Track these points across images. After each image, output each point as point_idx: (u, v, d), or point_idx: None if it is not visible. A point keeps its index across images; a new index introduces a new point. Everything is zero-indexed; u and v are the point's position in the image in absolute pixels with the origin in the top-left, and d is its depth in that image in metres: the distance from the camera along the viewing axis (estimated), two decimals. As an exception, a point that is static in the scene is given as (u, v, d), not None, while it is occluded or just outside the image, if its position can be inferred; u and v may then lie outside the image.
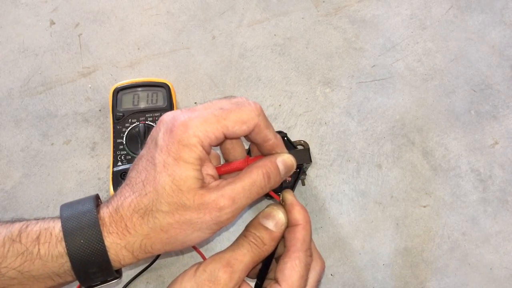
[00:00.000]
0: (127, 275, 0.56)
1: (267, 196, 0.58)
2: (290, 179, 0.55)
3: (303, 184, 0.61)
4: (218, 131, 0.34)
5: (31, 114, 0.63)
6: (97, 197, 0.37)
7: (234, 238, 0.37)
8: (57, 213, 0.58)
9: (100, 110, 0.64)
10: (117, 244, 0.33)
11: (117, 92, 0.60)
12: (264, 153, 0.39)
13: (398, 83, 0.67)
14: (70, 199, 0.58)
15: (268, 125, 0.37)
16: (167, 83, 0.61)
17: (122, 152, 0.57)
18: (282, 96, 0.66)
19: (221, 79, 0.67)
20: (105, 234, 0.33)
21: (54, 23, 0.69)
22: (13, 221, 0.35)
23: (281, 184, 0.55)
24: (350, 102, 0.66)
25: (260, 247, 0.36)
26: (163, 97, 0.60)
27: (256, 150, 0.40)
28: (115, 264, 0.34)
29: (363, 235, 0.59)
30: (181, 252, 0.58)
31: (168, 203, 0.33)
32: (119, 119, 0.58)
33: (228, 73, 0.67)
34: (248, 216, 0.59)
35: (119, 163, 0.56)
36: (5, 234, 0.33)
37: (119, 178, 0.55)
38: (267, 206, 0.39)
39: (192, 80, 0.66)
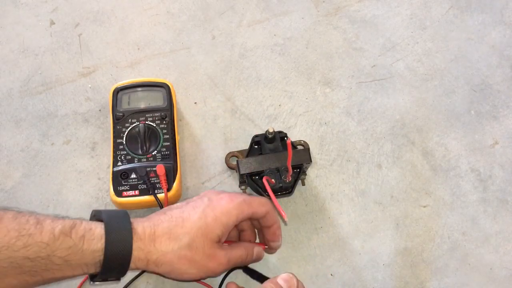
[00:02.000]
0: (127, 275, 0.56)
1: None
2: (290, 179, 0.55)
3: (303, 184, 0.61)
4: (249, 212, 0.48)
5: (31, 114, 0.63)
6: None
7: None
8: (57, 213, 0.58)
9: (100, 110, 0.64)
10: (141, 250, 0.43)
11: (117, 92, 0.60)
12: (264, 238, 0.53)
13: (398, 83, 0.67)
14: (70, 199, 0.59)
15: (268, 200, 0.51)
16: (167, 83, 0.61)
17: (122, 152, 0.57)
18: (282, 96, 0.66)
19: (221, 79, 0.67)
20: (134, 238, 0.42)
21: (54, 23, 0.69)
22: (63, 218, 0.42)
23: (281, 184, 0.56)
24: (350, 102, 0.66)
25: None
26: (163, 97, 0.60)
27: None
28: (131, 265, 0.43)
29: (363, 235, 0.59)
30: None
31: (193, 241, 0.44)
32: (119, 119, 0.58)
33: (228, 73, 0.67)
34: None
35: (119, 163, 0.56)
36: (60, 229, 0.40)
37: (119, 178, 0.55)
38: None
39: (192, 80, 0.66)
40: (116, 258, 0.42)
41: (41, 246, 0.39)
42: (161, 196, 0.54)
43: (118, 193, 0.55)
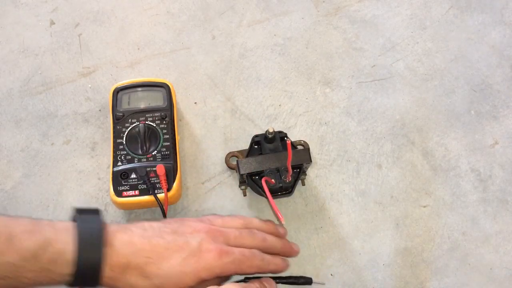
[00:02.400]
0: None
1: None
2: (290, 179, 0.55)
3: (303, 184, 0.61)
4: (235, 271, 0.46)
5: (31, 114, 0.63)
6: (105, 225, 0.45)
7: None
8: (57, 213, 0.58)
9: (100, 110, 0.64)
10: (109, 278, 0.43)
11: (117, 92, 0.60)
12: None
13: (398, 83, 0.67)
14: (70, 199, 0.59)
15: (262, 259, 0.48)
16: (167, 83, 0.61)
17: (122, 152, 0.57)
18: (282, 96, 0.66)
19: (221, 79, 0.67)
20: (107, 268, 0.42)
21: (54, 23, 0.69)
22: (39, 225, 0.42)
23: (281, 184, 0.56)
24: (350, 102, 0.66)
25: None
26: (163, 97, 0.60)
27: None
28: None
29: (363, 235, 0.59)
30: None
31: (163, 285, 0.43)
32: (119, 119, 0.58)
33: (228, 73, 0.67)
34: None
35: (119, 163, 0.56)
36: (31, 250, 0.40)
37: (119, 178, 0.55)
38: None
39: (192, 80, 0.66)
40: (84, 283, 0.42)
41: (8, 266, 0.39)
42: (161, 196, 0.54)
43: (118, 193, 0.55)
